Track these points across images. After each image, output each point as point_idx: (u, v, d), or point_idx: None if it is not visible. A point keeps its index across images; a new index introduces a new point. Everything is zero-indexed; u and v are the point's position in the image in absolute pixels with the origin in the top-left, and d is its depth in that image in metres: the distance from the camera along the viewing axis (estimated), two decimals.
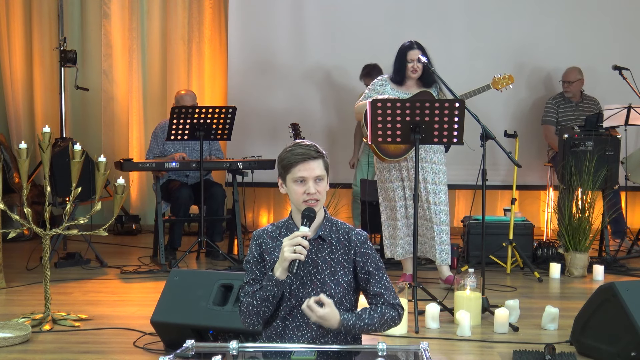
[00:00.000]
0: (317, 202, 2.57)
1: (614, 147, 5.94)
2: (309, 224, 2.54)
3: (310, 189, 2.55)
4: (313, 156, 2.57)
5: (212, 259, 6.24)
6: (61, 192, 5.96)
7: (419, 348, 2.43)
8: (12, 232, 4.30)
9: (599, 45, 7.26)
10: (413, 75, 5.02)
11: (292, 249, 2.47)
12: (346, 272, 2.60)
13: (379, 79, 5.15)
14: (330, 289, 2.56)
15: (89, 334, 4.10)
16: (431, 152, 5.00)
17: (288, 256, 2.47)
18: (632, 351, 3.39)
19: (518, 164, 4.72)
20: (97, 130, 7.91)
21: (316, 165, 2.57)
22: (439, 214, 4.97)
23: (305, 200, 2.56)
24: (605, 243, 6.14)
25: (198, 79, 7.84)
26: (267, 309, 2.57)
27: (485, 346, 3.94)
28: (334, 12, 7.47)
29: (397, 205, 5.05)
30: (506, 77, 5.34)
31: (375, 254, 2.65)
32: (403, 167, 5.01)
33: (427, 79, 5.04)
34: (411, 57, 4.98)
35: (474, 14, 7.37)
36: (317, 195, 2.57)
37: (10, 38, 7.83)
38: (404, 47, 5.04)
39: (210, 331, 3.63)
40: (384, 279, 2.63)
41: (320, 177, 2.58)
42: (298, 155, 2.56)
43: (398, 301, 2.64)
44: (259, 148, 6.90)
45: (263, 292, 2.54)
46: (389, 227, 5.16)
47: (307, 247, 2.50)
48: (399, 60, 5.03)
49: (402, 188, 5.04)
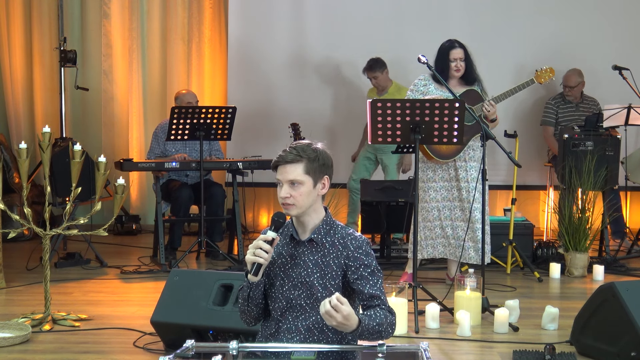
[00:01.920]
0: (292, 206, 2.56)
1: (614, 147, 5.94)
2: (275, 228, 2.55)
3: (282, 192, 2.55)
4: (288, 160, 2.54)
5: (212, 259, 6.24)
6: (61, 192, 5.95)
7: (419, 348, 2.43)
8: (12, 232, 4.30)
9: (599, 45, 7.25)
10: (456, 74, 5.02)
11: (252, 252, 2.50)
12: (333, 276, 2.57)
13: (420, 78, 5.07)
14: (317, 292, 2.56)
15: (89, 334, 4.10)
16: (478, 151, 4.97)
17: (248, 258, 2.52)
18: (632, 351, 3.39)
19: (518, 164, 4.72)
20: (97, 130, 7.91)
21: (291, 170, 2.54)
22: (478, 214, 4.93)
23: (281, 202, 2.57)
24: (605, 243, 6.13)
25: (198, 78, 7.84)
26: (251, 309, 2.61)
27: (485, 346, 3.94)
28: (334, 12, 7.47)
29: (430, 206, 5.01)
30: (547, 70, 5.29)
31: (372, 260, 2.58)
32: (452, 166, 5.00)
33: (469, 77, 5.05)
34: (454, 56, 4.99)
35: (474, 13, 7.37)
36: (291, 199, 2.54)
37: (10, 38, 7.83)
38: (445, 47, 5.04)
39: (210, 331, 3.64)
40: (378, 283, 2.58)
41: (296, 182, 2.54)
42: (279, 157, 2.57)
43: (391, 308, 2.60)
44: (259, 148, 6.90)
45: (242, 291, 2.61)
46: (424, 228, 5.07)
47: (269, 251, 2.51)
48: (442, 60, 5.02)
49: (447, 189, 5.01)
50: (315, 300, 2.55)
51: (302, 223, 2.62)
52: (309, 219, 2.60)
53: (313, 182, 2.57)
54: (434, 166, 5.05)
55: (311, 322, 2.57)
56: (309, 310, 2.57)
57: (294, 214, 2.57)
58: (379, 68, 6.59)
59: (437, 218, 5.05)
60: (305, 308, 2.57)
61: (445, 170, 5.04)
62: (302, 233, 2.62)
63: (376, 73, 6.59)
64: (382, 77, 6.61)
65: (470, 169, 4.98)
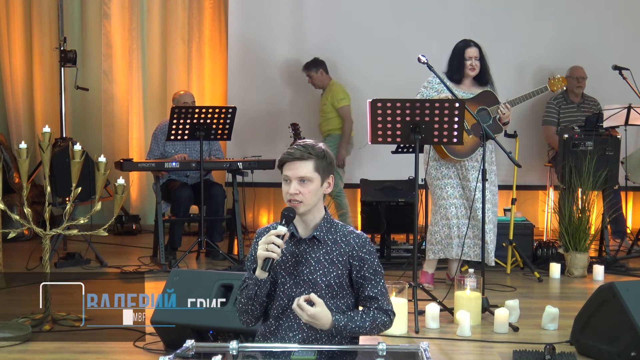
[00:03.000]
0: (300, 203, 2.56)
1: (614, 147, 5.94)
2: (287, 223, 2.54)
3: (291, 189, 2.55)
4: (298, 157, 2.56)
5: (212, 259, 6.24)
6: (61, 192, 5.95)
7: (419, 348, 2.43)
8: (12, 232, 4.30)
9: (599, 45, 7.25)
10: (472, 73, 5.02)
11: (265, 247, 2.49)
12: (339, 274, 2.58)
13: (434, 76, 4.93)
14: (321, 289, 2.56)
15: (89, 334, 4.09)
16: (494, 153, 4.97)
17: (260, 254, 2.50)
18: (632, 351, 3.39)
19: (518, 164, 4.72)
20: (97, 130, 7.91)
21: (301, 166, 2.56)
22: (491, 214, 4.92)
23: (287, 199, 2.57)
24: (605, 243, 6.13)
25: (198, 79, 7.84)
26: (254, 308, 2.59)
27: (485, 346, 3.94)
28: (334, 12, 7.47)
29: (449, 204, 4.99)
30: (560, 79, 5.39)
31: (375, 259, 2.62)
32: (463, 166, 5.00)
33: (483, 78, 5.06)
34: (469, 54, 5.00)
35: (475, 13, 7.37)
36: (299, 196, 2.55)
37: (10, 38, 7.83)
38: (460, 46, 5.05)
39: (210, 331, 3.64)
40: (380, 284, 2.61)
41: (305, 179, 2.56)
42: (287, 154, 2.58)
43: (391, 307, 2.63)
44: (259, 148, 6.90)
45: (247, 290, 2.57)
46: (444, 227, 5.03)
47: (281, 245, 2.50)
48: (457, 58, 5.03)
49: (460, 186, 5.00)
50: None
51: (304, 221, 2.62)
52: (311, 217, 2.61)
53: (321, 180, 2.59)
54: (447, 164, 5.04)
55: None
56: None
57: (301, 211, 2.57)
58: (313, 67, 6.83)
59: (455, 216, 5.01)
60: None
61: (459, 169, 5.03)
62: (303, 231, 2.63)
63: (310, 72, 6.84)
64: (316, 77, 6.84)
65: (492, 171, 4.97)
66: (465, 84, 5.05)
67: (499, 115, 4.95)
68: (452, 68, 5.04)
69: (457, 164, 5.02)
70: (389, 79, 7.11)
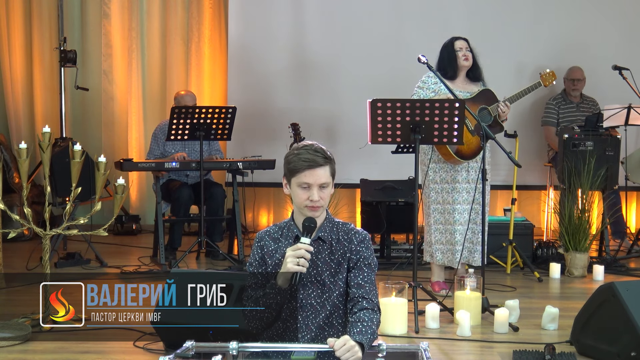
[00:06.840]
0: (320, 208, 2.56)
1: (614, 147, 5.94)
2: (310, 235, 2.52)
3: (314, 195, 2.54)
4: (320, 163, 2.54)
5: (212, 259, 6.24)
6: (61, 192, 5.95)
7: (419, 348, 2.43)
8: (12, 232, 4.29)
9: (599, 45, 7.25)
10: (466, 64, 4.99)
11: (296, 261, 2.46)
12: (342, 272, 2.60)
13: (429, 75, 4.93)
14: (329, 290, 2.56)
15: (89, 334, 4.08)
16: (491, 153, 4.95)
17: (291, 268, 2.47)
18: (632, 351, 3.39)
19: (518, 164, 4.71)
20: (97, 130, 7.91)
21: (322, 173, 2.55)
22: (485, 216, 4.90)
23: (307, 205, 2.54)
24: (605, 243, 6.13)
25: (197, 79, 7.84)
26: (271, 315, 2.57)
27: (485, 346, 3.94)
28: (334, 13, 7.46)
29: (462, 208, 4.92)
30: (550, 73, 5.36)
31: (371, 254, 2.64)
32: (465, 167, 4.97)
33: (475, 72, 5.05)
34: (459, 45, 5.00)
35: (475, 13, 7.37)
36: (321, 202, 2.55)
37: (10, 38, 7.83)
38: (448, 42, 5.06)
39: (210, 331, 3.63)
40: (370, 276, 2.62)
41: (325, 184, 2.56)
42: (305, 161, 2.53)
43: (378, 301, 2.63)
44: (259, 148, 6.90)
45: (266, 299, 2.54)
46: (446, 232, 4.97)
47: (309, 259, 2.49)
48: (448, 52, 5.02)
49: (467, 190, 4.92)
50: (325, 298, 2.56)
51: None
52: (319, 219, 2.61)
53: (332, 182, 2.61)
54: (454, 167, 4.97)
55: (321, 319, 2.58)
56: (319, 308, 2.58)
57: (317, 215, 2.57)
58: None
59: (459, 222, 4.93)
60: (316, 307, 2.58)
61: (466, 170, 4.98)
62: None
63: None
64: None
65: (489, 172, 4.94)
66: (460, 80, 5.02)
67: (498, 113, 4.95)
68: (443, 64, 5.00)
69: (456, 166, 5.00)
70: (389, 79, 7.10)
